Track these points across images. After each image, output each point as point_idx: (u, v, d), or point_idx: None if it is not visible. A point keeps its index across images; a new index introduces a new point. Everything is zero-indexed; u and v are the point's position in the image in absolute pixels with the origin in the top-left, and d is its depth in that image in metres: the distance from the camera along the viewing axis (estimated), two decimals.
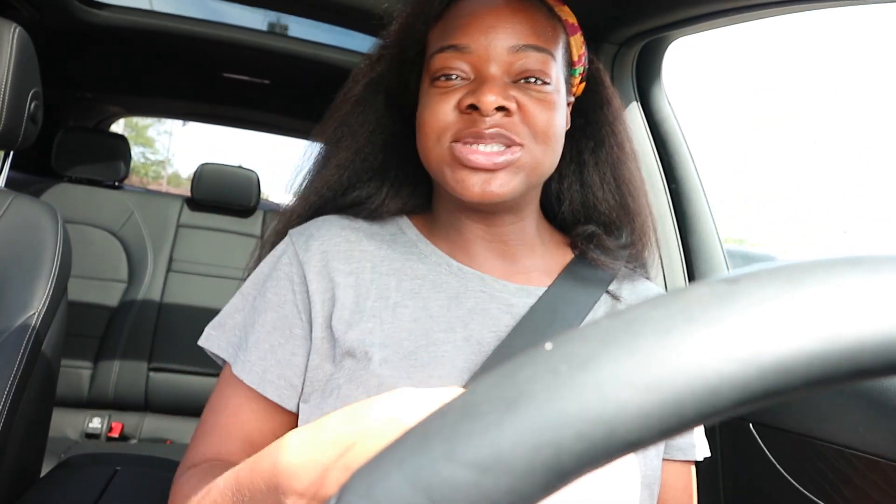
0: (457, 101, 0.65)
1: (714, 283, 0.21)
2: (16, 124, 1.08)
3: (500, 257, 0.74)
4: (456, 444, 0.19)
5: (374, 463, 0.21)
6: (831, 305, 0.20)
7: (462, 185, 0.65)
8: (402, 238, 0.75)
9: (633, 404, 0.19)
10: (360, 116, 0.77)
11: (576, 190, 0.78)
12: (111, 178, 2.53)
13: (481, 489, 0.19)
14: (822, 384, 0.20)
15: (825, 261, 0.21)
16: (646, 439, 0.19)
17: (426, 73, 0.69)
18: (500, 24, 0.66)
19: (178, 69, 2.40)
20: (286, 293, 0.69)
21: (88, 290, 2.35)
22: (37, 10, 1.64)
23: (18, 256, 1.07)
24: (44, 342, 1.08)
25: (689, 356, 0.19)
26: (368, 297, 0.68)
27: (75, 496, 1.09)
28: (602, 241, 0.75)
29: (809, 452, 0.87)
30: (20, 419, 1.04)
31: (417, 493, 0.19)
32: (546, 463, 0.19)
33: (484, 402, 0.20)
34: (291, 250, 0.71)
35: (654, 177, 1.20)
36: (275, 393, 0.66)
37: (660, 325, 0.20)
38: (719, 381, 0.19)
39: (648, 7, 1.04)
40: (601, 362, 0.20)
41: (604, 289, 0.74)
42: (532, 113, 0.65)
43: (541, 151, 0.66)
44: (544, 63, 0.66)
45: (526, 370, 0.20)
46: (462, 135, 0.64)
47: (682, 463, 0.74)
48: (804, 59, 54.60)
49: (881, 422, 0.80)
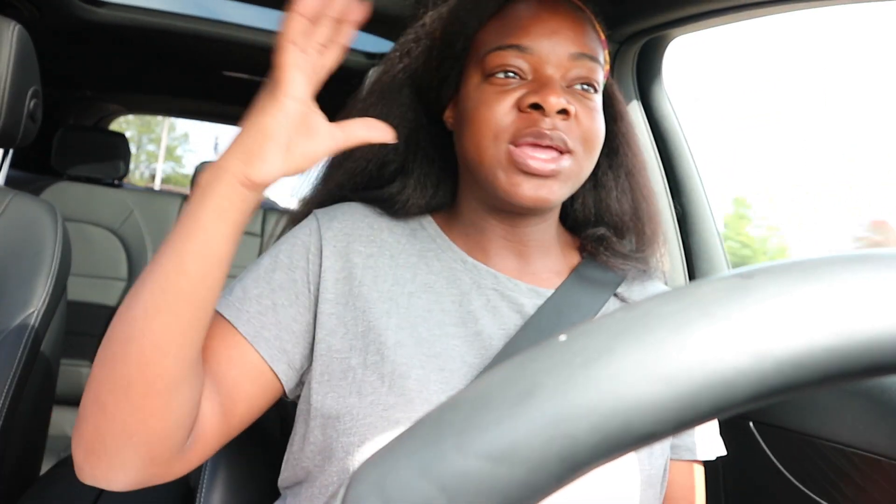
0: (515, 100, 0.66)
1: (728, 278, 0.21)
2: (15, 122, 1.08)
3: (516, 257, 0.74)
4: (469, 436, 0.19)
5: (385, 453, 0.21)
6: (847, 300, 0.20)
7: (516, 188, 0.65)
8: (422, 233, 0.75)
9: (648, 397, 0.19)
10: (383, 108, 0.76)
11: (588, 189, 0.79)
12: (111, 177, 2.53)
13: (494, 480, 0.19)
14: (838, 379, 0.19)
15: (839, 256, 0.21)
16: (660, 432, 0.19)
17: (477, 69, 0.69)
18: (562, 30, 0.67)
19: (177, 67, 2.40)
20: (300, 260, 0.69)
21: (88, 288, 2.35)
22: (37, 9, 1.64)
23: (18, 255, 1.07)
24: (43, 341, 1.08)
25: (705, 350, 0.19)
26: (386, 281, 0.69)
27: (74, 495, 1.09)
28: (612, 244, 0.76)
29: (810, 451, 0.87)
30: (20, 417, 1.04)
31: (429, 483, 0.19)
32: (560, 454, 0.19)
33: (497, 394, 0.20)
34: (314, 224, 0.71)
35: (654, 176, 1.19)
36: (268, 352, 0.64)
37: (675, 318, 0.20)
38: (735, 374, 0.19)
39: (649, 5, 1.04)
40: (616, 355, 0.20)
41: (612, 291, 0.74)
42: (583, 119, 0.66)
43: (585, 158, 0.68)
44: (595, 72, 0.68)
45: (540, 362, 0.20)
46: (522, 134, 0.64)
47: (690, 462, 0.75)
48: (796, 55, 54.62)
49: (882, 420, 0.80)
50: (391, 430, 0.60)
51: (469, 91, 0.69)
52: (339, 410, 0.62)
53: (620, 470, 0.64)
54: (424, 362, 0.64)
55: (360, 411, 0.61)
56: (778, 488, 0.92)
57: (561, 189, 0.66)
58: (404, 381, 0.62)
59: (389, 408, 0.61)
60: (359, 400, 0.62)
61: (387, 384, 0.62)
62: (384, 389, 0.62)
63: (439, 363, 0.64)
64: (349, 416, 0.62)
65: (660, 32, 1.12)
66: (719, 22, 1.03)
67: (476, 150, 0.67)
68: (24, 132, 1.11)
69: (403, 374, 0.62)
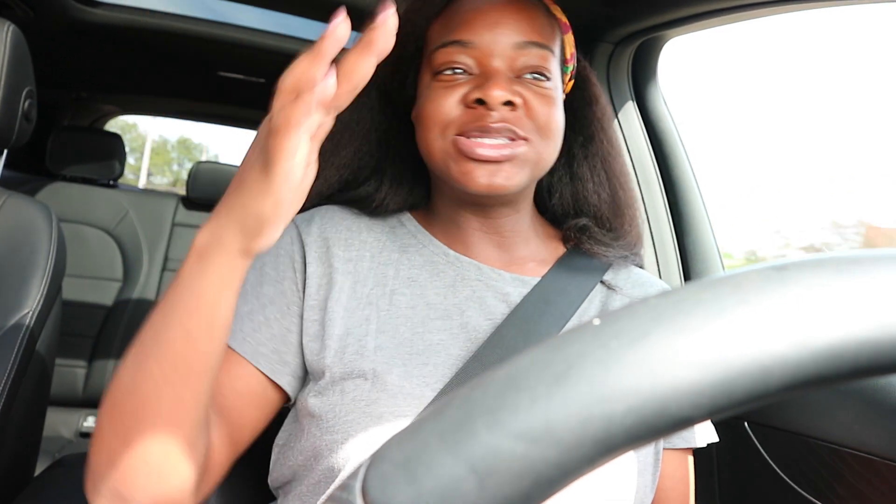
0: (461, 95, 0.66)
1: (764, 269, 0.21)
2: (10, 123, 1.07)
3: (497, 248, 0.74)
4: (501, 415, 0.19)
5: (411, 432, 0.20)
6: (880, 294, 0.20)
7: (468, 177, 0.65)
8: (402, 230, 0.75)
9: (684, 381, 0.19)
10: (355, 114, 0.77)
11: (566, 183, 0.79)
12: (106, 177, 2.53)
13: (527, 460, 0.19)
14: (871, 372, 0.20)
15: (872, 253, 0.21)
16: (695, 417, 0.19)
17: (427, 68, 0.70)
18: (504, 21, 0.67)
19: (173, 68, 2.39)
20: (286, 270, 0.68)
21: (83, 289, 2.34)
22: (31, 9, 1.63)
23: (12, 255, 1.07)
24: (38, 341, 1.08)
25: (742, 337, 0.19)
26: (366, 285, 0.69)
27: (69, 496, 1.09)
28: (594, 233, 0.76)
29: (804, 450, 0.88)
30: (14, 418, 1.04)
31: (459, 463, 0.19)
32: (595, 436, 0.19)
33: (531, 375, 0.20)
34: (294, 231, 0.71)
35: (650, 176, 1.20)
36: (268, 367, 0.65)
37: (712, 305, 0.20)
38: (772, 362, 0.19)
39: (643, 6, 1.04)
40: (652, 339, 0.20)
41: (598, 279, 0.75)
42: (535, 108, 0.66)
43: (544, 146, 0.67)
44: (545, 59, 0.68)
45: (574, 345, 0.20)
46: (467, 128, 0.65)
47: (682, 452, 0.75)
48: (788, 56, 54.78)
49: (875, 420, 0.80)
50: (375, 426, 0.60)
51: (421, 90, 0.70)
52: (322, 409, 0.63)
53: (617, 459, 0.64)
54: (406, 360, 0.64)
55: (343, 408, 0.62)
56: (772, 488, 0.92)
57: (518, 174, 0.65)
58: (386, 377, 0.62)
59: (372, 403, 0.61)
60: (341, 398, 0.62)
61: (369, 381, 0.62)
62: (367, 386, 0.62)
63: (423, 359, 0.65)
64: (332, 414, 0.62)
65: (655, 34, 1.13)
66: (714, 23, 1.03)
67: (426, 145, 0.68)
68: (19, 133, 1.11)
69: (385, 372, 0.63)
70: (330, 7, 1.26)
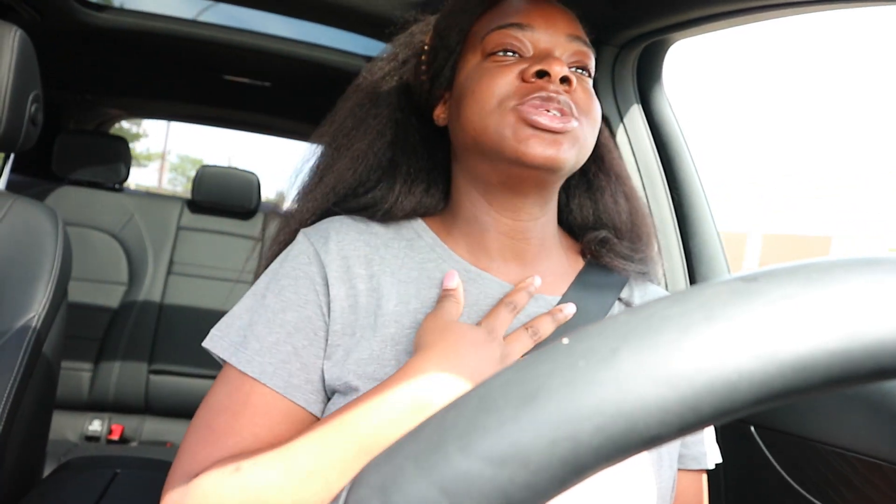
0: (518, 72, 0.66)
1: (731, 281, 0.21)
2: (16, 127, 1.08)
3: (519, 259, 0.73)
4: (471, 438, 0.19)
5: (388, 456, 0.21)
6: (850, 304, 0.20)
7: (527, 144, 0.63)
8: (419, 243, 0.73)
9: (652, 399, 0.19)
10: (373, 109, 0.76)
11: (583, 192, 0.80)
12: (112, 181, 2.53)
13: (497, 483, 0.19)
14: (842, 383, 0.19)
15: (843, 260, 0.21)
16: (664, 435, 0.19)
17: (475, 53, 0.70)
18: (559, 14, 0.70)
19: (178, 71, 2.40)
20: (308, 293, 0.67)
21: (89, 292, 2.35)
22: (37, 13, 1.64)
23: (19, 259, 1.07)
24: (44, 344, 1.08)
25: (708, 353, 0.19)
26: (390, 301, 0.67)
27: (75, 499, 1.09)
28: (614, 245, 0.76)
29: (811, 455, 0.87)
30: (20, 421, 1.04)
31: (432, 486, 0.19)
32: (563, 457, 0.19)
33: (500, 396, 0.20)
34: (311, 250, 0.69)
35: (655, 179, 1.19)
36: (302, 398, 0.63)
37: (679, 321, 0.20)
38: (738, 378, 0.19)
39: (649, 9, 1.04)
40: (620, 357, 0.20)
41: (616, 295, 0.74)
42: (583, 97, 0.68)
43: (590, 131, 0.68)
44: (589, 57, 0.71)
45: (544, 365, 0.20)
46: (528, 98, 0.64)
47: (695, 472, 0.75)
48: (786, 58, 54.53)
49: (883, 425, 0.80)
50: None
51: (468, 74, 0.70)
52: None
53: (636, 484, 0.64)
54: None
55: None
56: (779, 492, 0.91)
57: (571, 150, 0.65)
58: None
59: None
60: None
61: None
62: None
63: None
64: None
65: (660, 37, 1.12)
66: (720, 26, 1.03)
67: (479, 119, 0.66)
68: (25, 136, 1.11)
69: None
70: (334, 10, 1.27)
